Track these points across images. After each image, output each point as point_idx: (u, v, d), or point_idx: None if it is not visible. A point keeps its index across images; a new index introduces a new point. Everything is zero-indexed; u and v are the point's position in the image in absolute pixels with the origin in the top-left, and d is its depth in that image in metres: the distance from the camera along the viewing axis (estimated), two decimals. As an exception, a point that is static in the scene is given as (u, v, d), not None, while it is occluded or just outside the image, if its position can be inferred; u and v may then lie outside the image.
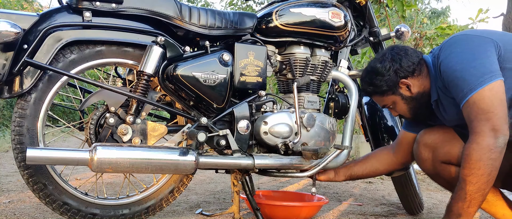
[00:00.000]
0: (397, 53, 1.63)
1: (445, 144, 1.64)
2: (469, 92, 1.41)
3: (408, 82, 1.61)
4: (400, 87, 1.63)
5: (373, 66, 1.66)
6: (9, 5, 8.07)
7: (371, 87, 1.67)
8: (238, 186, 1.85)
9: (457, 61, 1.47)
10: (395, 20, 6.44)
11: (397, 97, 1.65)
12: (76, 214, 1.66)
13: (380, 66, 1.63)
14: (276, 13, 1.86)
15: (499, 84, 1.40)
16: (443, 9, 12.55)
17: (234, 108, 1.77)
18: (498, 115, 1.38)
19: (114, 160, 1.49)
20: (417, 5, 4.70)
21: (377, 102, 1.76)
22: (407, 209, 2.31)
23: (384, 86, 1.63)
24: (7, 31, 1.41)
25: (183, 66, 1.65)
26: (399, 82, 1.62)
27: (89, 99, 1.65)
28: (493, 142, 1.36)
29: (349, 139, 1.89)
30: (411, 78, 1.61)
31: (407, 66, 1.60)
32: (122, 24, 1.65)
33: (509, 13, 4.52)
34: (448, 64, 1.49)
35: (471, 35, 1.53)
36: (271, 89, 6.25)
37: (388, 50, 1.68)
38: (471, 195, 1.39)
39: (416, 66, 1.61)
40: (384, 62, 1.63)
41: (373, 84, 1.65)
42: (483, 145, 1.37)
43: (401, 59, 1.61)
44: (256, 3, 8.02)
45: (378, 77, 1.63)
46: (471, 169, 1.38)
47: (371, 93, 1.71)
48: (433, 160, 1.68)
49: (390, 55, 1.64)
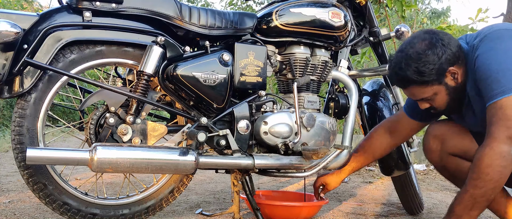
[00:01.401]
0: (443, 38, 1.46)
1: (454, 136, 1.62)
2: (499, 95, 1.34)
3: (455, 70, 1.47)
4: (446, 75, 1.48)
5: (421, 52, 1.45)
6: (9, 5, 8.07)
7: (417, 76, 1.46)
8: (238, 186, 1.85)
9: (496, 59, 1.38)
10: (395, 20, 6.44)
11: (441, 87, 1.49)
12: (76, 214, 1.66)
13: (431, 53, 1.44)
14: (276, 13, 1.86)
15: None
16: (443, 9, 12.55)
17: (234, 108, 1.77)
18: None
19: (114, 160, 1.49)
20: (417, 5, 4.69)
21: (412, 95, 1.56)
22: (407, 209, 2.31)
23: (434, 75, 1.45)
24: (7, 31, 1.40)
25: (183, 66, 1.65)
26: (447, 71, 1.47)
27: (89, 99, 1.65)
28: (507, 150, 1.31)
29: (349, 139, 1.88)
30: (457, 65, 1.47)
31: (455, 52, 1.45)
32: (122, 24, 1.65)
33: (509, 13, 4.51)
34: (486, 61, 1.39)
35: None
36: (271, 89, 6.25)
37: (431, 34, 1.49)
38: (476, 199, 1.36)
39: (461, 52, 1.47)
40: (434, 48, 1.44)
41: (421, 72, 1.45)
42: (496, 151, 1.32)
43: (450, 44, 1.45)
44: (256, 3, 8.02)
45: (428, 65, 1.44)
46: (480, 173, 1.34)
47: (416, 82, 1.49)
48: (441, 152, 1.66)
49: (439, 39, 1.46)
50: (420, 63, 1.45)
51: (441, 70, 1.46)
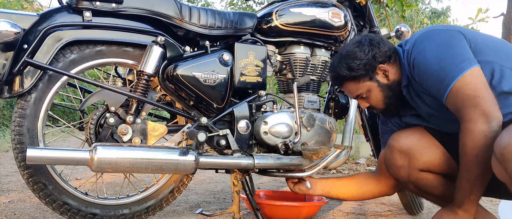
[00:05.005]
0: (373, 39, 1.58)
1: (423, 151, 1.59)
2: (451, 81, 1.37)
3: (386, 68, 1.56)
4: (377, 73, 1.57)
5: (350, 50, 1.58)
6: (9, 5, 8.07)
7: (347, 71, 1.57)
8: (238, 186, 1.85)
9: (432, 54, 1.44)
10: (395, 20, 6.44)
11: (373, 84, 1.58)
12: (76, 214, 1.66)
13: (358, 50, 1.56)
14: (276, 13, 1.86)
15: (478, 69, 1.37)
16: (443, 9, 12.54)
17: (234, 108, 1.77)
18: (485, 98, 1.33)
19: (114, 160, 1.48)
20: (417, 5, 4.69)
21: (348, 92, 1.66)
22: (407, 209, 2.31)
23: (362, 70, 1.56)
24: (7, 31, 1.41)
25: (183, 66, 1.65)
26: (377, 67, 1.56)
27: (89, 99, 1.65)
28: (486, 128, 1.30)
29: (349, 139, 1.88)
30: (388, 64, 1.56)
31: (385, 51, 1.56)
32: (122, 24, 1.65)
33: (509, 13, 4.52)
34: (423, 60, 1.45)
35: (441, 29, 1.50)
36: (271, 89, 6.25)
37: (362, 36, 1.62)
38: (472, 183, 1.36)
39: (392, 53, 1.57)
40: (362, 46, 1.56)
41: (351, 68, 1.56)
42: (476, 132, 1.31)
43: (379, 44, 1.57)
44: (256, 3, 8.02)
45: (356, 61, 1.55)
46: (469, 157, 1.34)
47: (347, 78, 1.59)
48: (409, 168, 1.61)
49: (368, 39, 1.58)
50: (349, 60, 1.57)
51: (370, 66, 1.56)
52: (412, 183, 1.65)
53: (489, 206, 2.42)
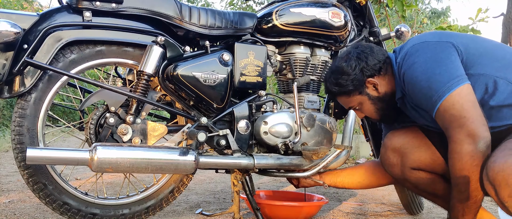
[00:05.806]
0: (362, 51, 1.56)
1: (414, 150, 1.60)
2: (438, 100, 1.35)
3: (375, 81, 1.55)
4: (367, 86, 1.57)
5: (338, 65, 1.58)
6: (9, 5, 8.07)
7: (336, 87, 1.59)
8: (238, 186, 1.85)
9: (421, 70, 1.41)
10: (395, 20, 6.44)
11: (363, 97, 1.58)
12: (76, 214, 1.66)
13: (345, 65, 1.55)
14: (276, 13, 1.86)
15: (466, 87, 1.34)
16: (443, 9, 12.55)
17: (234, 108, 1.77)
18: (471, 119, 1.30)
19: (114, 160, 1.48)
20: (417, 5, 4.70)
21: (342, 104, 1.68)
22: (407, 209, 2.31)
23: (350, 86, 1.56)
24: (7, 31, 1.41)
25: (183, 66, 1.65)
26: (365, 82, 1.55)
27: (89, 99, 1.65)
28: (473, 149, 1.29)
29: (349, 139, 1.88)
30: (377, 77, 1.55)
31: (373, 65, 1.54)
32: (122, 24, 1.65)
33: (509, 13, 4.52)
34: (412, 75, 1.43)
35: (432, 42, 1.45)
36: (271, 89, 6.25)
37: (352, 48, 1.60)
38: (464, 203, 1.36)
39: (382, 65, 1.55)
40: (349, 60, 1.55)
41: (339, 84, 1.58)
42: (463, 154, 1.30)
43: (367, 57, 1.54)
44: (256, 3, 8.02)
45: (343, 76, 1.56)
46: (458, 179, 1.34)
47: (337, 93, 1.62)
48: (402, 166, 1.64)
49: (356, 53, 1.56)
50: (338, 75, 1.58)
51: (357, 81, 1.55)
52: (407, 181, 1.67)
53: (489, 206, 2.42)
